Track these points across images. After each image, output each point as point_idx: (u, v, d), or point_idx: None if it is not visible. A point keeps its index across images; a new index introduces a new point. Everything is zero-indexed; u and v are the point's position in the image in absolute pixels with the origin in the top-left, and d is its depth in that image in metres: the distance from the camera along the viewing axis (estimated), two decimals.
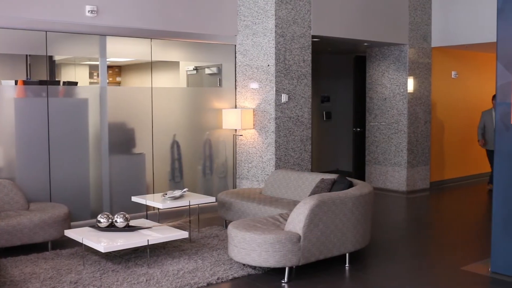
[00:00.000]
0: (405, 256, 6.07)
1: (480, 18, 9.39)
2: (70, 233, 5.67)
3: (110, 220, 5.67)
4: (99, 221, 5.66)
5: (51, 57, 7.16)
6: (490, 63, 10.99)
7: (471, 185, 9.70)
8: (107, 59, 7.32)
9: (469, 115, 10.94)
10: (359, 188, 5.75)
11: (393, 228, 7.37)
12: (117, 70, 9.91)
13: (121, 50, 7.64)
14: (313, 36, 8.30)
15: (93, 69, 8.74)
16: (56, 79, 7.45)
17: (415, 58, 9.94)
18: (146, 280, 5.00)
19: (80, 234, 5.53)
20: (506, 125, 5.19)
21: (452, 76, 10.76)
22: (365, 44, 9.85)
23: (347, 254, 5.53)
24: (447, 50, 10.49)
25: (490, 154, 9.58)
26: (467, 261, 5.76)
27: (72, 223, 6.44)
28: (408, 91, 9.84)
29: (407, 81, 9.83)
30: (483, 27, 9.25)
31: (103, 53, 7.19)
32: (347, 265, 5.53)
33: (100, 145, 7.22)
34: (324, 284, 5.05)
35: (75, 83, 7.34)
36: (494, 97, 9.09)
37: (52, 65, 7.45)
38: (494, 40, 5.38)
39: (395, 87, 9.98)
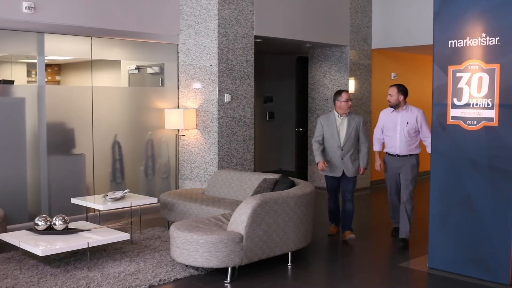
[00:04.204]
0: (346, 254, 6.16)
1: (418, 21, 9.64)
2: (6, 237, 5.49)
3: (48, 223, 5.53)
4: (37, 224, 5.52)
5: None
6: (427, 64, 11.30)
7: None
8: (46, 57, 7.12)
9: None
10: (301, 187, 5.81)
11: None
12: (56, 68, 9.66)
13: (60, 48, 7.45)
14: (256, 37, 8.33)
15: (31, 67, 8.50)
16: None
17: (356, 60, 10.12)
18: (86, 284, 4.90)
19: (17, 238, 5.36)
20: (442, 125, 5.35)
21: (392, 77, 11.01)
22: (307, 45, 9.96)
23: (289, 253, 5.57)
24: (387, 52, 10.73)
25: (334, 183, 6.63)
26: (405, 258, 5.90)
27: (8, 227, 6.21)
28: (349, 92, 10.00)
29: (348, 82, 10.00)
30: (421, 30, 9.50)
31: (41, 51, 6.99)
32: (289, 264, 5.57)
33: (38, 145, 7.02)
34: (267, 283, 5.07)
35: (12, 82, 7.12)
36: (337, 93, 6.56)
37: None
38: (431, 42, 5.54)
39: (336, 87, 10.13)
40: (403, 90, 6.37)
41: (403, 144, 6.28)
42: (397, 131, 6.32)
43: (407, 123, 6.27)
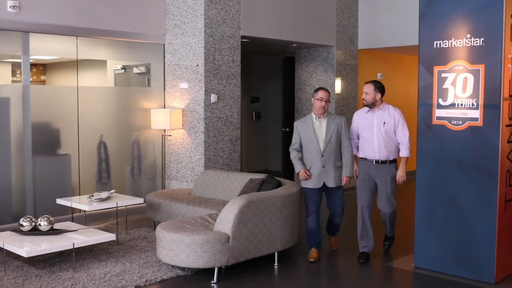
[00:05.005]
0: (332, 253, 6.17)
1: (404, 22, 9.68)
2: None
3: (33, 224, 5.49)
4: (22, 225, 5.48)
5: None
6: (413, 65, 11.37)
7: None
8: (31, 57, 7.07)
9: None
10: (288, 187, 5.81)
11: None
12: (41, 68, 9.58)
13: (45, 48, 7.39)
14: (243, 37, 8.33)
15: (15, 67, 8.41)
16: None
17: (342, 60, 10.15)
18: (72, 285, 4.87)
19: (1, 239, 5.32)
20: (428, 125, 5.38)
21: (378, 77, 11.05)
22: (294, 45, 9.97)
23: (276, 253, 5.58)
24: (373, 52, 10.77)
25: (315, 196, 5.80)
26: (391, 257, 5.92)
27: None
28: (336, 92, 10.03)
29: (334, 82, 10.02)
30: (406, 31, 9.54)
31: (26, 50, 6.94)
32: (276, 264, 5.57)
33: (23, 146, 6.97)
34: (254, 283, 5.07)
35: None
36: (314, 90, 5.87)
37: None
38: (417, 43, 5.57)
39: None
40: (380, 87, 5.77)
41: (381, 147, 5.67)
42: (374, 132, 5.69)
43: (384, 123, 5.67)
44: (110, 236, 5.58)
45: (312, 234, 5.87)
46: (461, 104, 5.16)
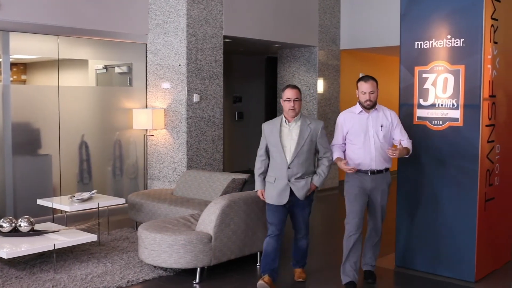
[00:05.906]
0: (314, 253, 6.18)
1: (386, 22, 9.74)
2: None
3: (13, 225, 5.45)
4: (1, 226, 5.43)
5: None
6: (395, 65, 11.44)
7: None
8: (11, 56, 7.00)
9: None
10: None
11: None
12: (22, 67, 9.50)
13: (26, 47, 7.33)
14: (225, 37, 8.33)
15: None
16: None
17: (324, 60, 10.18)
18: (53, 286, 4.83)
19: None
20: (409, 125, 5.41)
21: None
22: (276, 45, 9.98)
23: (258, 253, 5.58)
24: (355, 52, 10.83)
25: (278, 213, 4.82)
26: None
27: None
28: (318, 92, 10.07)
29: (317, 82, 10.06)
30: (388, 31, 9.60)
31: (6, 49, 6.88)
32: (258, 264, 5.57)
33: (3, 146, 6.90)
34: (236, 283, 5.07)
35: None
36: (284, 88, 4.88)
37: None
38: (398, 43, 5.61)
39: (305, 88, 10.19)
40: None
41: (378, 155, 4.81)
42: (370, 137, 4.84)
43: (382, 126, 4.86)
44: (92, 237, 5.55)
45: (267, 258, 4.85)
46: (442, 104, 5.21)
